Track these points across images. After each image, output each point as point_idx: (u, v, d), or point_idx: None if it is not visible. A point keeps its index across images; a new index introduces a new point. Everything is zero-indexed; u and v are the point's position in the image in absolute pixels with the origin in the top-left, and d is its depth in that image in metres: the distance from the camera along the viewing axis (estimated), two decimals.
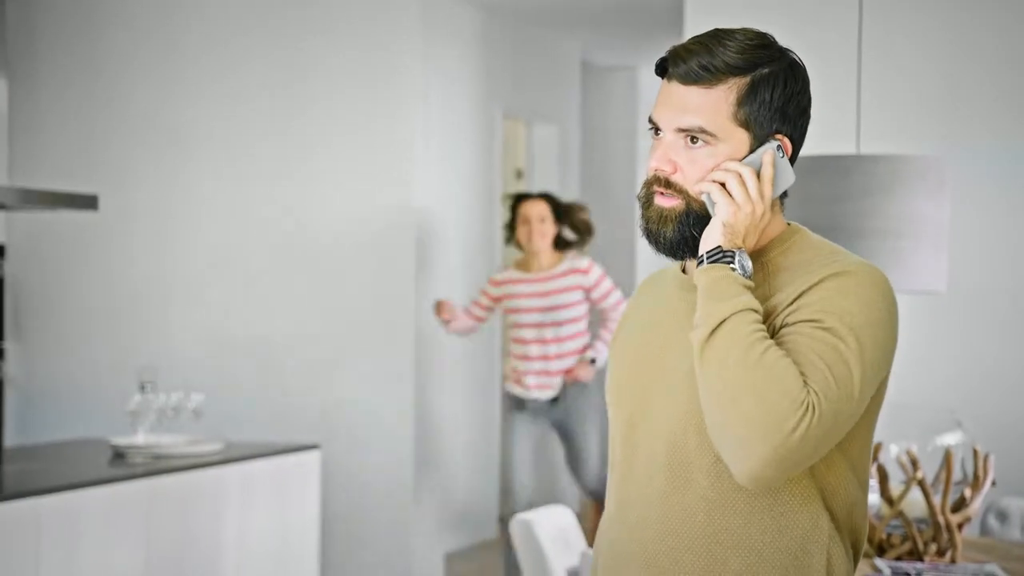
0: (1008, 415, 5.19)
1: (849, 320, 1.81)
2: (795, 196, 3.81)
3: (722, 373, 1.78)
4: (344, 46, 6.50)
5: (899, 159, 3.72)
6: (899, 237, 3.66)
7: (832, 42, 5.39)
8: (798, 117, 1.92)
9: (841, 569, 1.89)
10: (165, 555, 4.47)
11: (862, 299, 1.83)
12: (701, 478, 1.88)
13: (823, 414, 1.75)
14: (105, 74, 6.80)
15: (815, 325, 1.81)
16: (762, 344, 1.77)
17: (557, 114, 8.25)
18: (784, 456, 1.75)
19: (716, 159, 1.89)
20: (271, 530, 4.96)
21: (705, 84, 1.89)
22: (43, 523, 4.03)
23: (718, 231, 1.86)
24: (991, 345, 5.26)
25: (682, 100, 1.89)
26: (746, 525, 1.87)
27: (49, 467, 4.65)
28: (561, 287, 5.98)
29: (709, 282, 1.83)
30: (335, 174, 6.51)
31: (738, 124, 1.88)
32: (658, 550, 1.90)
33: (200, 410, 5.05)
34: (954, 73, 5.34)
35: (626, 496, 1.96)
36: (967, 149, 5.25)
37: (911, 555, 3.60)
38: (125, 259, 6.77)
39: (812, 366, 1.78)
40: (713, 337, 1.80)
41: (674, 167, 1.90)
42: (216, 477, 4.72)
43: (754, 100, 1.88)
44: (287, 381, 6.50)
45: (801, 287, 1.85)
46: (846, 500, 1.90)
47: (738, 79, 1.88)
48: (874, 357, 1.82)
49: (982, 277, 5.25)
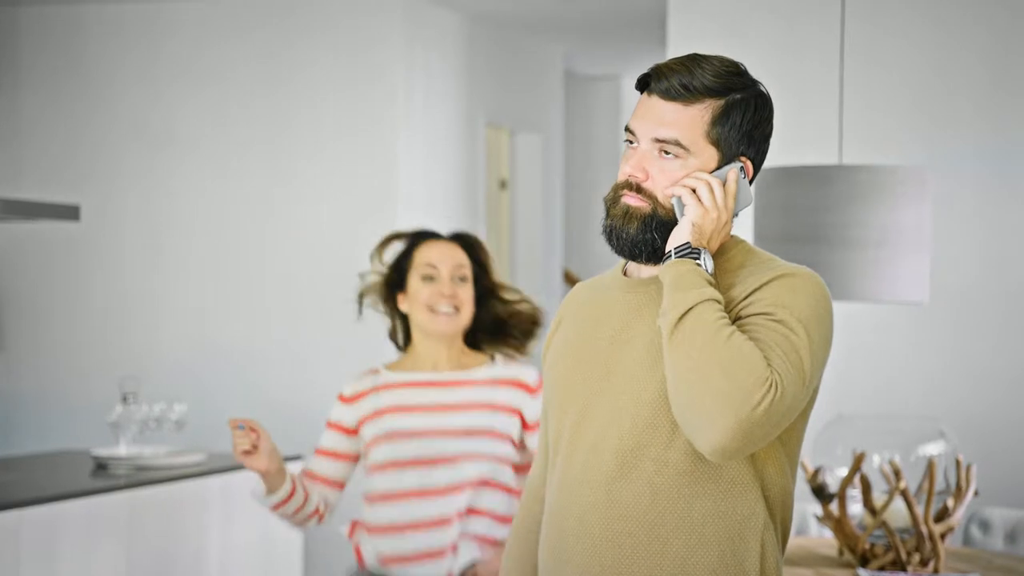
0: (991, 425, 5.20)
1: (797, 314, 1.96)
2: (777, 205, 3.81)
3: (691, 354, 1.91)
4: (327, 54, 6.50)
5: (880, 169, 3.73)
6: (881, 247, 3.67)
7: (814, 52, 5.40)
8: (761, 142, 2.09)
9: (772, 555, 2.03)
10: (147, 567, 4.45)
11: (807, 297, 1.98)
12: (648, 464, 2.01)
13: (784, 393, 1.89)
14: (89, 82, 6.79)
15: (768, 317, 1.96)
16: (728, 328, 1.92)
17: (541, 123, 8.25)
18: (748, 429, 1.88)
19: (685, 171, 2.04)
20: (254, 541, 4.95)
21: (684, 101, 2.04)
22: (24, 535, 4.01)
23: (687, 230, 2.01)
24: (973, 354, 5.27)
25: (661, 113, 2.04)
26: (688, 509, 1.99)
27: (30, 478, 4.63)
28: (482, 402, 3.32)
29: (676, 275, 1.98)
30: (318, 182, 6.50)
31: (710, 142, 2.04)
32: (603, 535, 2.02)
33: (183, 421, 5.04)
34: (936, 82, 5.35)
35: (571, 486, 2.07)
36: (950, 158, 5.26)
37: (894, 565, 3.60)
38: (109, 269, 6.75)
39: (771, 351, 1.92)
40: (682, 322, 1.93)
41: (646, 175, 2.06)
42: (198, 488, 4.70)
43: (726, 121, 2.04)
44: (270, 392, 6.49)
45: (752, 286, 2.00)
46: (781, 490, 2.04)
47: (713, 100, 2.04)
48: (819, 349, 1.97)
49: (965, 286, 5.26)
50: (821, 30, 5.36)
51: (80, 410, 6.58)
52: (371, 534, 3.31)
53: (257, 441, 3.14)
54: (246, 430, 3.13)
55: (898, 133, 5.36)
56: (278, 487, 3.24)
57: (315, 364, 6.44)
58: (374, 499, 3.31)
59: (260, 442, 3.15)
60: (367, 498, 3.34)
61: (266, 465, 3.16)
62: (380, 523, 3.30)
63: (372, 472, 3.33)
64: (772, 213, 3.81)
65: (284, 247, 6.53)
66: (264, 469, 3.16)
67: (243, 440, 3.12)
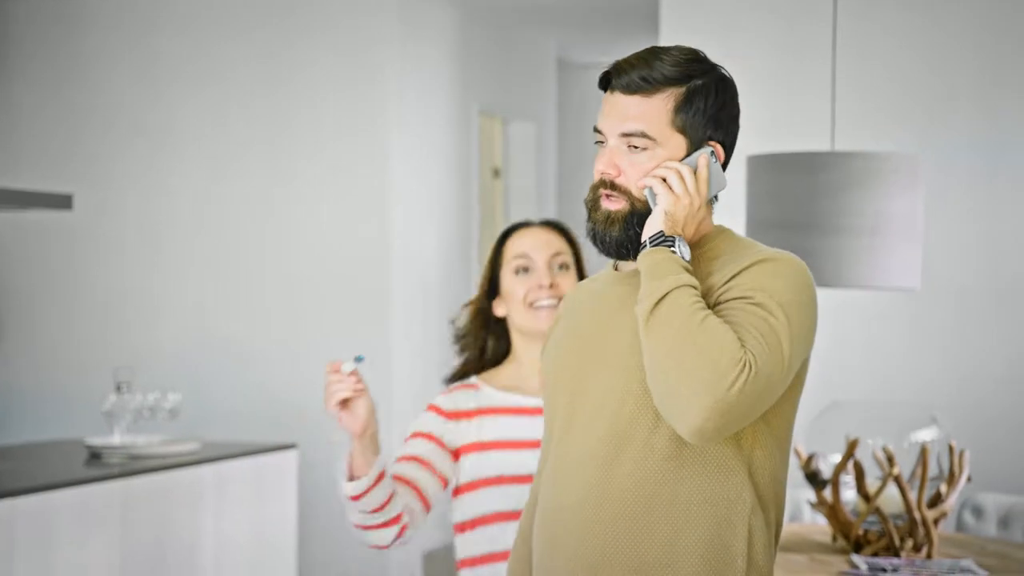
0: (983, 411, 5.21)
1: (777, 297, 1.97)
2: (769, 192, 3.81)
3: (666, 338, 1.93)
4: (321, 43, 6.49)
5: (873, 156, 3.73)
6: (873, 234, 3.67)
7: (807, 38, 5.40)
8: (729, 124, 2.11)
9: (761, 540, 2.03)
10: (141, 555, 4.45)
11: (788, 281, 1.99)
12: (634, 449, 2.02)
13: (758, 373, 1.91)
14: (83, 73, 6.78)
15: (747, 301, 1.97)
16: (702, 312, 1.93)
17: (534, 111, 8.25)
18: (724, 410, 1.90)
19: (656, 162, 2.07)
20: (248, 530, 4.95)
21: (645, 93, 2.07)
22: (18, 524, 4.01)
23: (659, 219, 2.03)
24: (966, 341, 5.27)
25: (625, 108, 2.08)
26: (675, 494, 2.01)
27: (24, 467, 4.63)
28: None
29: (651, 263, 2.00)
30: (313, 172, 6.50)
31: (675, 130, 2.07)
32: (592, 522, 2.03)
33: (177, 410, 5.04)
34: (929, 69, 5.35)
35: (563, 473, 2.09)
36: (942, 145, 5.27)
37: (887, 551, 3.61)
38: (105, 261, 6.75)
39: (747, 332, 1.94)
40: (658, 308, 1.95)
41: (618, 171, 2.08)
42: (193, 477, 4.70)
43: (690, 108, 2.07)
44: (264, 381, 6.49)
45: (732, 271, 2.02)
46: (771, 475, 2.05)
47: (675, 89, 2.06)
48: (800, 332, 1.98)
49: (957, 273, 5.26)
50: (814, 16, 5.36)
51: (75, 400, 6.58)
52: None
53: (361, 390, 2.43)
54: (351, 373, 2.42)
55: (891, 120, 5.36)
56: (365, 469, 2.51)
57: (311, 357, 6.44)
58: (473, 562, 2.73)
59: (363, 394, 2.44)
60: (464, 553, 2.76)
61: (363, 425, 2.45)
62: None
63: (474, 527, 2.74)
64: (764, 200, 3.81)
65: (280, 239, 6.53)
66: (360, 431, 2.45)
67: (342, 386, 2.42)
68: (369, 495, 2.53)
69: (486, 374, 2.85)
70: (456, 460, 2.76)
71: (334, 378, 2.41)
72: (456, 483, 2.75)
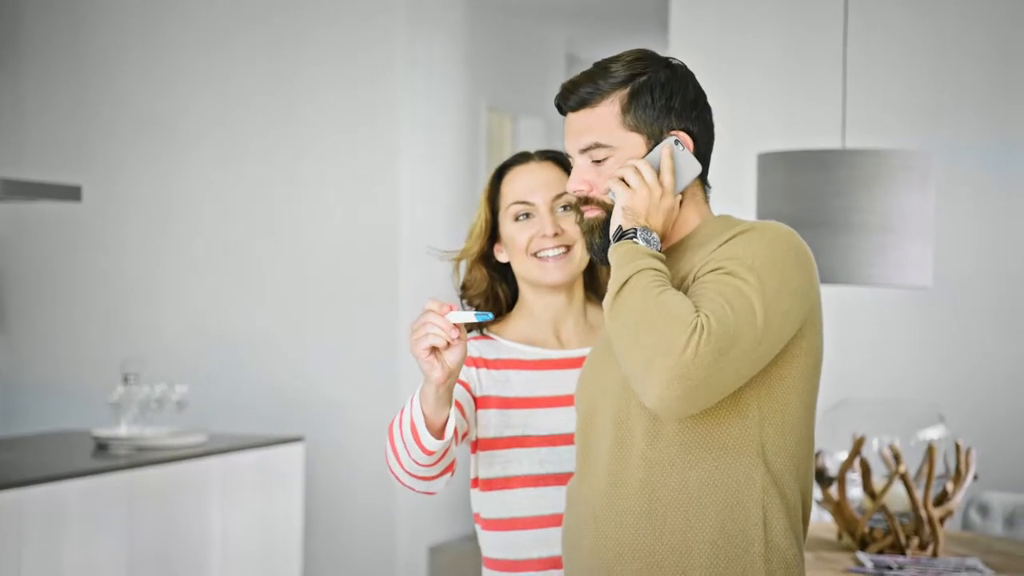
0: (990, 409, 5.21)
1: (749, 262, 1.96)
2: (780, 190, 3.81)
3: (626, 321, 1.94)
4: (329, 38, 6.49)
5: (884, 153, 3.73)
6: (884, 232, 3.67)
7: (818, 36, 5.40)
8: (689, 111, 2.10)
9: (780, 523, 2.01)
10: (148, 547, 4.46)
11: (764, 245, 1.98)
12: (639, 439, 2.03)
13: (713, 332, 1.88)
14: (91, 67, 6.78)
15: (718, 272, 1.96)
16: (658, 288, 1.94)
17: (542, 107, 8.25)
18: (682, 373, 1.88)
19: (619, 166, 2.09)
20: (255, 522, 4.96)
21: (590, 105, 2.10)
22: (26, 514, 4.02)
23: (619, 214, 2.05)
24: (974, 339, 5.27)
25: (576, 125, 2.12)
26: (683, 480, 2.00)
27: (32, 458, 4.64)
28: None
29: (616, 257, 2.01)
30: (321, 167, 6.50)
31: (629, 129, 2.08)
32: (607, 514, 2.04)
33: (184, 402, 5.04)
34: (940, 67, 5.34)
35: (583, 463, 2.12)
36: (953, 143, 5.26)
37: (893, 548, 3.61)
38: (111, 251, 6.75)
39: (707, 299, 1.93)
40: (618, 296, 1.96)
41: (589, 185, 2.11)
42: (199, 469, 4.71)
43: (637, 105, 2.08)
44: (271, 373, 6.49)
45: (713, 247, 2.02)
46: (787, 454, 2.02)
47: (619, 91, 2.09)
48: (776, 291, 1.95)
49: (967, 271, 5.26)
50: (825, 14, 5.35)
51: (81, 392, 6.59)
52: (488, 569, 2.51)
53: (457, 340, 2.16)
54: (455, 326, 2.16)
55: (902, 118, 5.36)
56: (438, 421, 2.27)
57: (318, 350, 6.45)
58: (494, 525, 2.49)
59: (460, 344, 2.17)
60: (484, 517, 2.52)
61: (447, 375, 2.19)
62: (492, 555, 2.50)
63: (491, 488, 2.49)
64: (775, 197, 3.81)
65: (289, 233, 6.53)
66: (443, 380, 2.19)
67: (440, 332, 2.16)
68: (440, 453, 2.30)
69: (496, 326, 2.55)
70: (478, 409, 2.48)
71: (435, 319, 2.14)
72: (475, 436, 2.48)
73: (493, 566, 2.48)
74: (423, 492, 2.43)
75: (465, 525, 7.47)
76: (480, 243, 2.54)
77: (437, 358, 2.15)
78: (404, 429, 2.30)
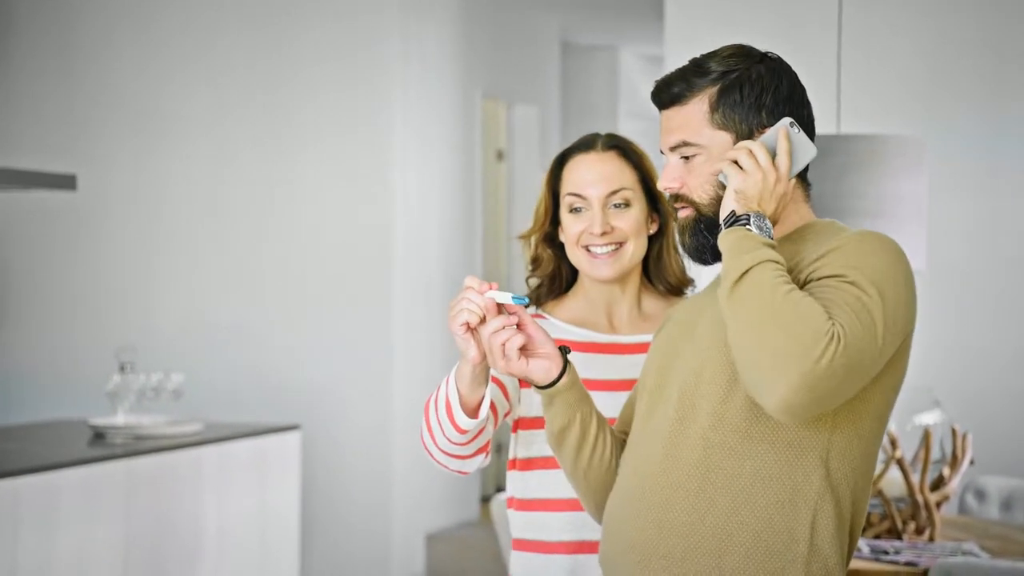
0: (986, 394, 5.21)
1: (870, 274, 1.92)
2: None
3: (749, 315, 1.89)
4: (323, 26, 6.48)
5: (877, 138, 3.73)
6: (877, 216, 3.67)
7: (812, 21, 5.39)
8: (782, 108, 2.06)
9: (828, 528, 1.97)
10: (144, 535, 4.46)
11: (882, 258, 1.95)
12: (703, 418, 2.00)
13: (848, 345, 1.85)
14: (85, 57, 6.77)
15: (839, 279, 1.92)
16: (786, 286, 1.89)
17: (537, 94, 8.25)
18: (813, 383, 1.84)
19: (709, 165, 2.06)
20: (251, 511, 4.96)
21: (680, 103, 2.07)
22: (22, 503, 4.02)
23: (731, 198, 2.00)
24: (970, 324, 5.28)
25: (667, 123, 2.09)
26: (739, 468, 1.97)
27: (28, 447, 4.64)
28: None
29: (729, 244, 1.96)
30: (314, 155, 6.49)
31: (717, 128, 2.05)
32: (656, 485, 2.01)
33: (180, 391, 5.04)
34: (933, 53, 5.34)
35: (639, 441, 2.08)
36: (947, 128, 5.26)
37: (890, 533, 3.61)
38: (106, 240, 6.75)
39: (836, 306, 1.88)
40: (738, 285, 1.92)
41: (680, 182, 2.08)
42: (196, 458, 4.71)
43: (726, 102, 2.05)
44: (267, 362, 6.49)
45: (821, 251, 1.98)
46: (850, 465, 1.99)
47: (709, 89, 2.06)
48: (895, 312, 1.92)
49: (961, 256, 5.26)
50: None
51: (78, 380, 6.59)
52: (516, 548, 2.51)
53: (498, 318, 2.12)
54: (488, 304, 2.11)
55: (896, 103, 5.36)
56: (474, 400, 2.27)
57: (314, 338, 6.45)
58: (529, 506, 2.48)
59: None
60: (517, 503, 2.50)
61: (482, 356, 2.17)
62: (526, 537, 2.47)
63: (530, 467, 2.48)
64: None
65: (282, 221, 6.53)
66: (480, 359, 2.16)
67: (476, 309, 2.12)
68: (474, 431, 2.31)
69: (550, 305, 2.53)
70: (523, 387, 2.44)
71: (473, 296, 2.11)
72: (517, 415, 2.46)
73: (523, 547, 2.47)
74: (456, 471, 2.40)
75: (462, 512, 7.48)
76: (542, 226, 2.52)
77: (473, 336, 2.14)
78: (439, 406, 2.30)
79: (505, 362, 2.09)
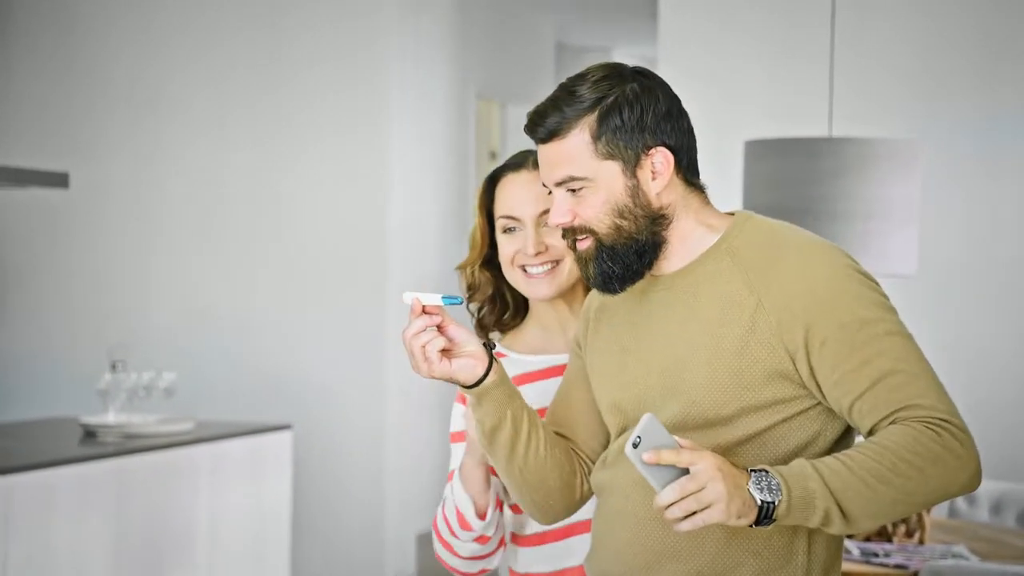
0: (978, 396, 5.22)
1: (859, 309, 1.90)
2: (766, 178, 3.82)
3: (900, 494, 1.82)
4: (319, 24, 6.48)
5: (869, 141, 3.74)
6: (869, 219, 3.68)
7: (804, 23, 5.40)
8: (664, 123, 1.96)
9: (820, 544, 1.96)
10: (136, 534, 4.46)
11: (840, 285, 1.91)
12: (696, 436, 1.93)
13: (953, 423, 1.87)
14: (79, 52, 6.77)
15: (864, 333, 1.89)
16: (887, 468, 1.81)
17: (532, 95, 8.24)
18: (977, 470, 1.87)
19: (599, 195, 1.95)
20: (243, 510, 4.96)
21: (559, 136, 1.95)
22: (14, 501, 4.02)
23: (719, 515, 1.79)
24: (960, 327, 5.28)
25: (548, 157, 1.97)
26: None
27: (20, 445, 4.64)
28: None
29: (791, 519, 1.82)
30: (310, 152, 6.49)
31: (603, 158, 1.94)
32: (650, 512, 1.94)
33: (172, 389, 5.04)
34: (927, 55, 5.35)
35: (622, 458, 1.99)
36: (940, 131, 5.27)
37: (880, 536, 3.62)
38: (98, 238, 6.74)
39: (902, 384, 1.88)
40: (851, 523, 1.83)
41: (572, 215, 1.97)
42: (187, 456, 4.71)
43: (607, 129, 1.94)
44: (260, 361, 6.49)
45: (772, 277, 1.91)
46: None
47: (587, 117, 1.94)
48: (888, 301, 1.94)
49: (953, 259, 5.27)
50: (812, 1, 5.35)
51: (69, 378, 6.58)
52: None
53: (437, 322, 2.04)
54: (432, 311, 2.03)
55: (888, 105, 5.37)
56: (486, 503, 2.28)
57: (307, 338, 6.45)
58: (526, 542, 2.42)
59: None
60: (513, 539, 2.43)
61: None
62: None
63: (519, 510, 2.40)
64: (761, 185, 3.82)
65: (277, 219, 6.53)
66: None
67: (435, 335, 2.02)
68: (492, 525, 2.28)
69: (508, 339, 2.46)
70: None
71: (420, 325, 2.00)
72: None
73: (517, 541, 2.41)
74: (482, 570, 2.37)
75: None
76: (480, 252, 2.43)
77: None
78: (451, 520, 2.27)
79: (427, 365, 1.98)
